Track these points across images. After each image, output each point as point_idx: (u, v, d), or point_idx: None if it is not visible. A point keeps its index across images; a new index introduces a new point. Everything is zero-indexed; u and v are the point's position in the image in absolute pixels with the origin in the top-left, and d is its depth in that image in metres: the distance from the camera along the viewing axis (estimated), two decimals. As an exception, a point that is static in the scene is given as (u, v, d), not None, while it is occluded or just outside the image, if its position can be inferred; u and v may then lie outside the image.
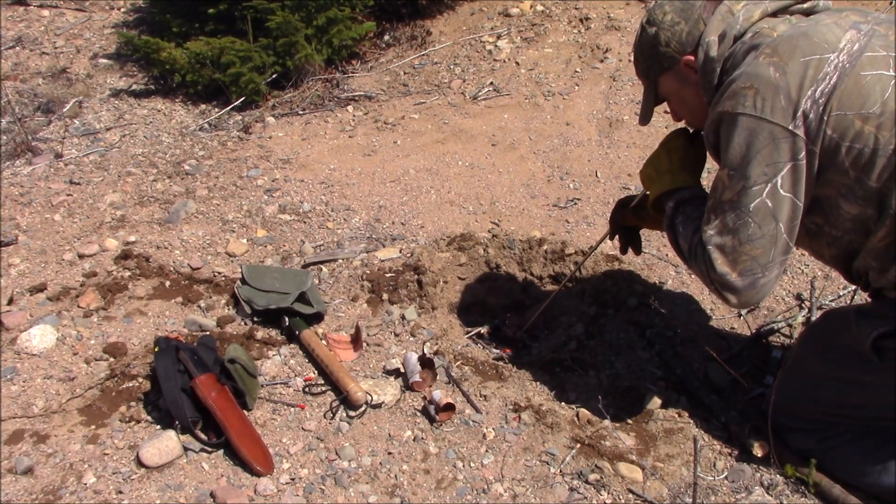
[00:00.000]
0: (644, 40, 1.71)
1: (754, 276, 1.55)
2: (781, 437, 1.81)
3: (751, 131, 1.46)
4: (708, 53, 1.58)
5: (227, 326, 2.29)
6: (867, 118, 1.41)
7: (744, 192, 1.49)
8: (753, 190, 1.48)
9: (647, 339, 2.23)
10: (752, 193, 1.49)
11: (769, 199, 1.48)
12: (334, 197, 2.95)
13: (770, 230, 1.50)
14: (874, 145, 1.41)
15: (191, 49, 3.73)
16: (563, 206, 2.88)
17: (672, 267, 2.54)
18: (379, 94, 3.79)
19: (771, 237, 1.51)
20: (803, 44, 1.45)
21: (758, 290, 1.57)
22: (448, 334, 2.29)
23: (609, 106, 3.45)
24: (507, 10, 4.17)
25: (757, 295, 1.58)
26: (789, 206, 1.49)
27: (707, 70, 1.60)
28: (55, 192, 2.98)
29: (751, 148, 1.47)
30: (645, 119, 1.86)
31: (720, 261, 1.56)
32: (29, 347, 2.16)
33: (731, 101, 1.49)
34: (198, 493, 1.74)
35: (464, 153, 3.22)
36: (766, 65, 1.46)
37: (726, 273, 1.56)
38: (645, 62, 1.74)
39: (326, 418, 1.96)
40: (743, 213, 1.51)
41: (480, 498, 1.74)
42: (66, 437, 1.90)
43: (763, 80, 1.45)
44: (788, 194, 1.48)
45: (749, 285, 1.56)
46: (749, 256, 1.53)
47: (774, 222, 1.50)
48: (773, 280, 1.57)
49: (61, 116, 3.66)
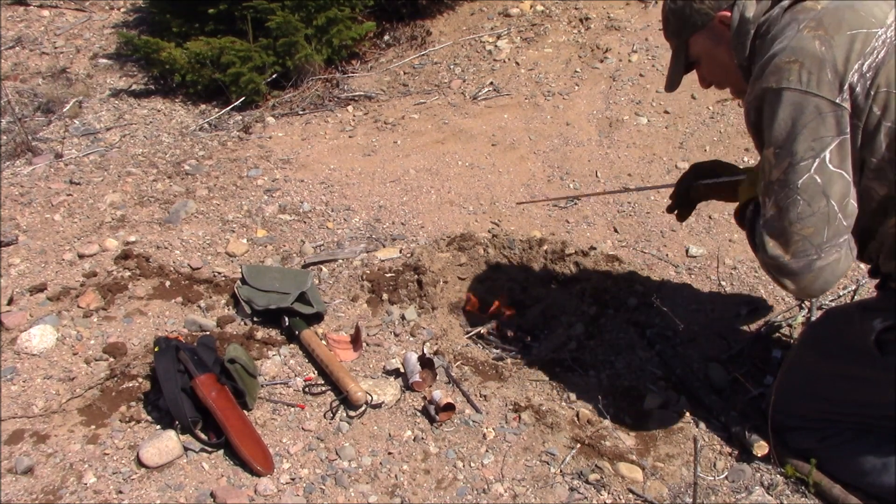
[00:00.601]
0: None
1: (808, 257, 1.45)
2: (781, 437, 1.81)
3: (796, 106, 1.41)
4: (744, 14, 1.55)
5: (227, 326, 2.29)
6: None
7: (791, 170, 1.43)
8: (801, 166, 1.42)
9: (647, 339, 2.23)
10: (800, 170, 1.42)
11: (818, 175, 1.42)
12: (334, 197, 2.95)
13: (821, 207, 1.43)
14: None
15: (191, 49, 3.73)
16: (563, 206, 2.88)
17: (672, 267, 2.54)
18: (379, 94, 3.79)
19: (823, 215, 1.43)
20: (850, 17, 1.42)
21: (816, 274, 1.46)
22: (448, 334, 2.29)
23: (609, 106, 3.45)
24: (507, 10, 4.17)
25: (817, 280, 1.47)
26: (840, 182, 1.42)
27: (741, 31, 1.56)
28: (55, 192, 2.98)
29: (796, 123, 1.41)
30: (672, 85, 1.80)
31: (772, 243, 1.49)
32: (29, 347, 2.16)
33: (775, 76, 1.44)
34: (198, 493, 1.74)
35: (464, 153, 3.22)
36: (811, 38, 1.42)
37: (779, 255, 1.48)
38: (677, 22, 1.69)
39: (326, 418, 1.96)
40: (791, 190, 1.44)
41: (480, 498, 1.74)
42: (66, 437, 1.90)
43: (808, 54, 1.41)
44: (838, 170, 1.42)
45: (805, 267, 1.47)
46: (800, 236, 1.45)
47: (825, 199, 1.42)
48: (833, 264, 1.46)
49: (61, 116, 3.66)
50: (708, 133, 3.21)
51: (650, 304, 2.35)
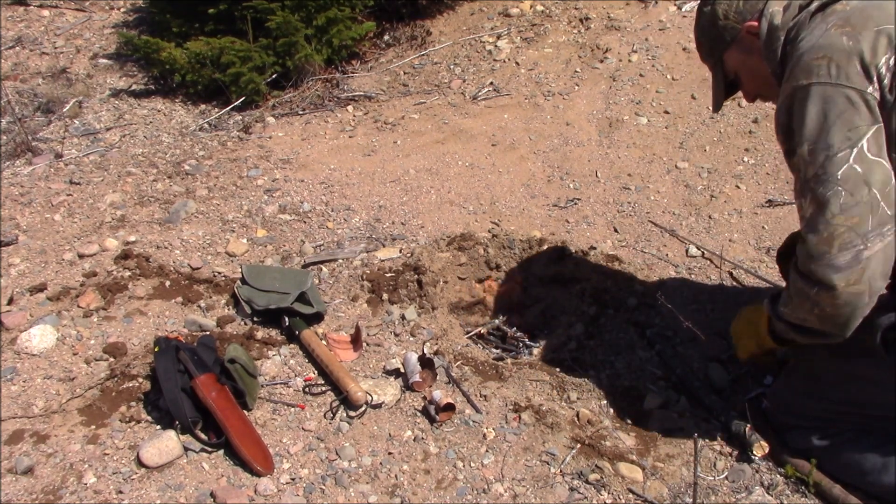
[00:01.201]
0: (703, 20, 1.69)
1: (855, 247, 1.40)
2: (781, 437, 1.81)
3: (826, 99, 1.41)
4: (772, 22, 1.56)
5: (227, 326, 2.29)
6: None
7: (829, 162, 1.41)
8: (839, 157, 1.40)
9: (647, 339, 2.23)
10: (838, 161, 1.40)
11: (857, 165, 1.40)
12: (334, 197, 2.95)
13: (864, 196, 1.40)
14: None
15: (191, 49, 3.73)
16: (563, 206, 2.88)
17: (672, 267, 2.54)
18: (379, 94, 3.79)
19: (867, 204, 1.40)
20: (877, 14, 1.43)
21: (864, 267, 1.40)
22: (448, 334, 2.29)
23: (609, 106, 3.45)
24: (507, 10, 4.17)
25: (865, 273, 1.41)
26: (880, 170, 1.41)
27: (771, 39, 1.57)
28: (55, 192, 2.98)
29: (829, 115, 1.41)
30: (717, 106, 1.81)
31: (815, 241, 1.43)
32: (29, 347, 2.16)
33: (804, 73, 1.44)
34: (198, 493, 1.74)
35: (464, 153, 3.22)
36: (839, 35, 1.43)
37: (824, 252, 1.42)
38: (708, 42, 1.71)
39: (326, 418, 1.96)
40: (831, 183, 1.41)
41: (480, 498, 1.74)
42: (66, 437, 1.90)
43: (836, 49, 1.41)
44: (877, 158, 1.40)
45: (853, 260, 1.40)
46: (846, 227, 1.40)
47: (867, 188, 1.40)
48: (879, 255, 1.41)
49: (61, 116, 3.66)
50: (708, 133, 3.21)
51: (650, 305, 2.35)
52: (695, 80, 3.49)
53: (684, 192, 2.92)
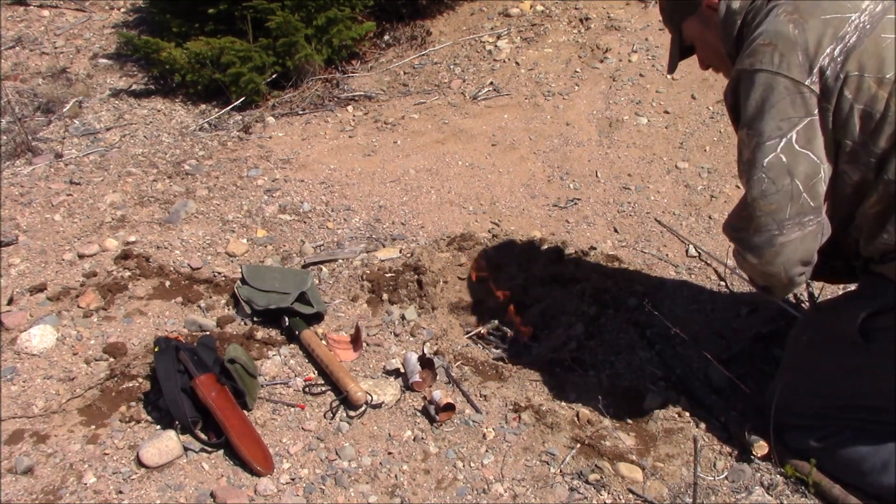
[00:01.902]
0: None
1: (770, 232, 1.49)
2: (781, 437, 1.81)
3: (767, 86, 1.46)
4: (730, 6, 1.60)
5: (227, 326, 2.29)
6: (882, 82, 1.41)
7: (758, 149, 1.47)
8: (767, 145, 1.46)
9: (647, 339, 2.23)
10: (767, 149, 1.46)
11: (783, 155, 1.46)
12: (334, 197, 2.95)
13: (784, 186, 1.46)
14: (884, 110, 1.41)
15: (191, 49, 3.73)
16: (563, 206, 2.88)
17: (672, 267, 2.54)
18: (379, 94, 3.79)
19: (786, 193, 1.46)
20: (826, 4, 1.46)
21: (777, 250, 1.49)
22: (448, 334, 2.29)
23: (609, 106, 3.45)
24: (507, 10, 4.17)
25: (778, 256, 1.50)
26: (806, 162, 1.46)
27: (728, 22, 1.61)
28: (55, 192, 2.98)
29: (766, 102, 1.46)
30: (672, 68, 1.87)
31: (738, 217, 1.54)
32: (29, 347, 2.16)
33: (750, 58, 1.49)
34: (198, 493, 1.74)
35: (464, 153, 3.22)
36: (786, 21, 1.46)
37: (742, 228, 1.53)
38: (669, 8, 1.77)
39: (326, 418, 1.96)
40: (757, 169, 1.48)
41: (480, 498, 1.74)
42: (66, 437, 1.90)
43: (782, 37, 1.45)
44: (804, 150, 1.45)
45: (766, 242, 1.50)
46: (762, 212, 1.48)
47: (789, 178, 1.46)
48: (795, 242, 1.49)
49: (61, 116, 3.66)
50: (708, 133, 3.21)
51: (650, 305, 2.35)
52: (695, 80, 3.49)
53: (684, 192, 2.92)
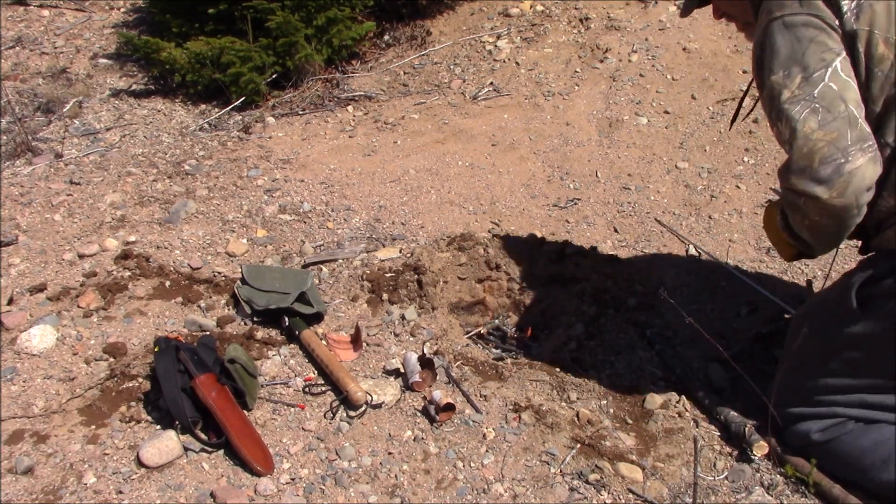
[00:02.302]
0: None
1: (836, 161, 1.42)
2: (782, 435, 1.81)
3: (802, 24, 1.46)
4: None
5: (227, 326, 2.29)
6: (889, 42, 1.43)
7: (805, 83, 1.45)
8: (815, 77, 1.44)
9: (647, 339, 2.23)
10: (815, 80, 1.44)
11: (833, 83, 1.44)
12: (334, 197, 2.95)
13: (841, 112, 1.43)
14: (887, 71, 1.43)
15: (191, 49, 3.73)
16: (563, 206, 2.88)
17: (672, 267, 2.54)
18: (379, 94, 3.79)
19: (844, 119, 1.43)
20: None
21: (847, 179, 1.42)
22: (448, 334, 2.29)
23: (609, 106, 3.45)
24: (507, 10, 4.17)
25: (850, 185, 1.42)
26: (853, 90, 1.44)
27: None
28: (55, 192, 2.98)
29: (802, 40, 1.46)
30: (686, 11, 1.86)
31: (797, 156, 1.45)
32: (29, 347, 2.16)
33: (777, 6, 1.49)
34: (198, 493, 1.74)
35: (464, 153, 3.22)
36: None
37: (806, 167, 1.44)
38: None
39: (326, 418, 1.96)
40: (808, 101, 1.45)
41: (480, 498, 1.74)
42: (66, 437, 1.90)
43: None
44: (849, 78, 1.44)
45: (834, 172, 1.42)
46: (825, 142, 1.43)
47: (843, 104, 1.43)
48: (862, 169, 1.42)
49: (61, 116, 3.66)
50: (708, 133, 3.21)
51: (650, 304, 2.35)
52: (695, 80, 3.49)
53: (684, 192, 2.92)
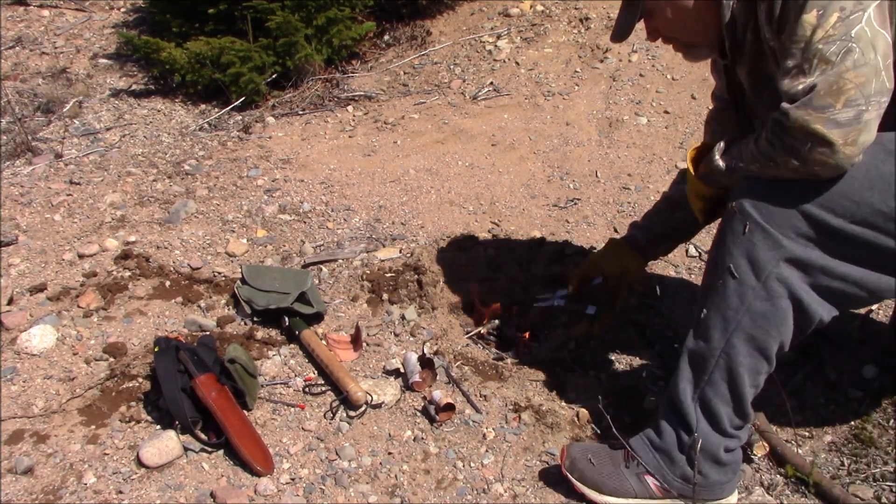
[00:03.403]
0: None
1: (858, 107, 1.36)
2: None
3: None
4: None
5: (227, 326, 2.29)
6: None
7: (841, 23, 1.38)
8: (852, 18, 1.38)
9: (647, 339, 2.23)
10: (852, 21, 1.38)
11: (867, 28, 1.38)
12: (334, 197, 2.95)
13: (871, 59, 1.38)
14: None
15: (191, 49, 3.73)
16: (563, 206, 2.88)
17: (672, 267, 2.54)
18: (379, 94, 3.79)
19: (873, 67, 1.37)
20: None
21: (862, 128, 1.37)
22: (448, 334, 2.28)
23: (609, 106, 3.45)
24: (507, 10, 4.17)
25: (861, 134, 1.37)
26: (884, 41, 1.40)
27: None
28: (55, 192, 2.98)
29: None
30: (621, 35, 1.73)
31: (823, 92, 1.37)
32: (29, 347, 2.16)
33: None
34: (198, 493, 1.74)
35: (464, 153, 3.22)
36: None
37: (828, 106, 1.36)
38: None
39: (326, 418, 1.96)
40: (845, 40, 1.37)
41: (480, 498, 1.74)
42: (66, 437, 1.90)
43: None
44: (881, 29, 1.40)
45: (854, 118, 1.36)
46: (853, 84, 1.36)
47: (874, 52, 1.38)
48: (873, 122, 1.38)
49: (61, 116, 3.66)
50: (708, 133, 3.21)
51: (650, 305, 2.35)
52: (695, 79, 3.49)
53: (684, 192, 2.92)
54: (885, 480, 1.75)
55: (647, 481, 1.67)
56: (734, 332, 1.55)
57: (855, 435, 1.89)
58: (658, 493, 1.67)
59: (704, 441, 1.60)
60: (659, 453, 1.67)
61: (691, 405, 1.61)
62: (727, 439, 1.63)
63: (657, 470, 1.66)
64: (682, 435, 1.64)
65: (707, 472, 1.63)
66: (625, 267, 2.13)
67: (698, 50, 1.75)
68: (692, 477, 1.62)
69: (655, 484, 1.66)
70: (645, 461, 1.66)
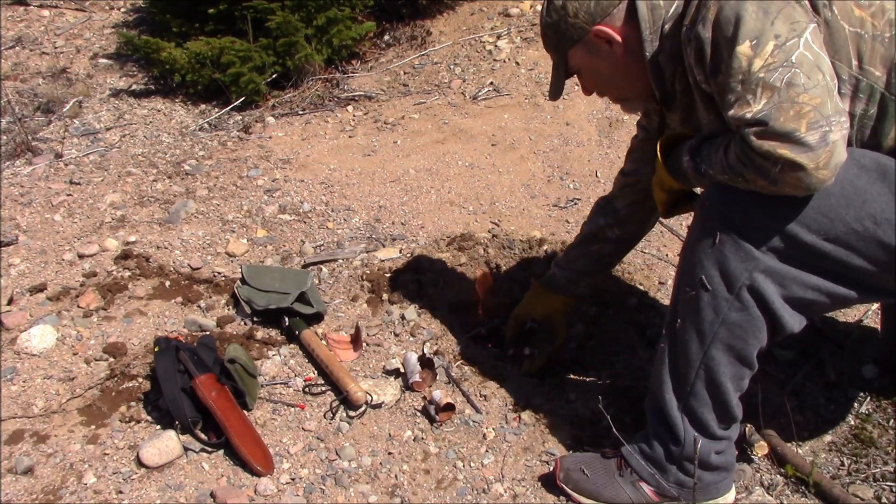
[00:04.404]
0: (552, 14, 1.61)
1: (822, 128, 1.29)
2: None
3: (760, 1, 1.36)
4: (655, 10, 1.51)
5: (227, 326, 2.29)
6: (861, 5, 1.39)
7: (779, 50, 1.33)
8: (789, 45, 1.33)
9: (647, 339, 2.23)
10: (789, 48, 1.33)
11: (807, 52, 1.34)
12: (334, 197, 2.95)
13: (819, 80, 1.32)
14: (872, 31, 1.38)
15: (191, 49, 3.73)
16: (563, 206, 2.88)
17: (672, 267, 2.54)
18: (379, 94, 3.79)
19: (823, 87, 1.32)
20: None
21: (831, 149, 1.29)
22: (448, 334, 2.28)
23: (609, 106, 3.45)
24: (507, 10, 4.17)
25: (832, 156, 1.30)
26: (826, 62, 1.36)
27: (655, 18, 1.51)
28: (55, 192, 2.98)
29: (769, 11, 1.35)
30: (555, 94, 1.76)
31: (782, 119, 1.30)
32: (29, 347, 2.16)
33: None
34: (198, 493, 1.74)
35: (464, 153, 3.22)
36: None
37: (793, 130, 1.29)
38: (553, 35, 1.65)
39: (326, 418, 1.96)
40: (786, 67, 1.33)
41: (480, 498, 1.74)
42: (66, 437, 1.90)
43: None
44: (820, 51, 1.36)
45: (820, 141, 1.29)
46: (810, 106, 1.30)
47: (821, 73, 1.33)
48: (840, 143, 1.31)
49: (61, 116, 3.66)
50: (708, 133, 3.21)
51: (650, 305, 2.35)
52: (695, 80, 3.49)
53: (684, 192, 2.92)
54: (885, 480, 1.75)
55: (642, 488, 1.67)
56: (711, 344, 1.53)
57: (855, 435, 1.89)
58: (654, 499, 1.67)
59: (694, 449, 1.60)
60: (650, 463, 1.67)
61: (678, 416, 1.61)
62: (716, 442, 1.62)
63: (650, 478, 1.67)
64: (670, 446, 1.64)
65: (700, 475, 1.63)
66: (550, 308, 2.14)
67: (631, 103, 1.77)
68: (686, 482, 1.63)
69: (651, 490, 1.67)
70: (637, 470, 1.67)
